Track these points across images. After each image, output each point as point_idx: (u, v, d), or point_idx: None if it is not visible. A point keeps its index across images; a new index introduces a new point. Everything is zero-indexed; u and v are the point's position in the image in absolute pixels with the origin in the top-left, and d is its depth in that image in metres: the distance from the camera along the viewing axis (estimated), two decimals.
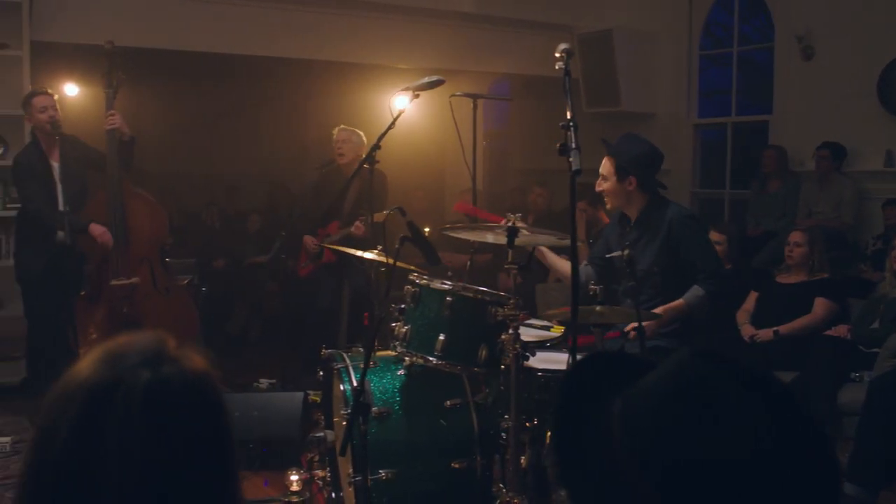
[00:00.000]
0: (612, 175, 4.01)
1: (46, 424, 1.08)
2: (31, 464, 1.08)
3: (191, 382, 1.11)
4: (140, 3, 6.54)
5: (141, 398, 1.06)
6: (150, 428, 1.05)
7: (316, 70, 7.88)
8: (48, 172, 5.25)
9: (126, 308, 5.31)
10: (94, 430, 1.04)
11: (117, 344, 1.15)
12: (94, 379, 1.08)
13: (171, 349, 1.14)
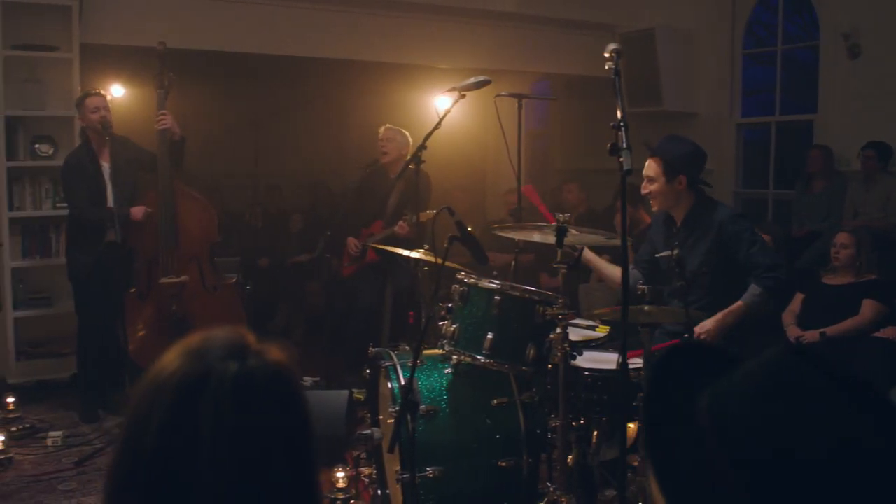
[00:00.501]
0: (660, 176, 4.00)
1: (137, 417, 1.11)
2: (122, 455, 1.12)
3: (275, 374, 1.14)
4: (188, 6, 6.63)
5: (230, 390, 1.09)
6: (239, 418, 1.08)
7: (357, 70, 7.94)
8: (98, 173, 5.34)
9: (175, 306, 5.39)
10: (186, 422, 1.07)
11: (199, 338, 1.18)
12: (184, 372, 1.11)
13: (252, 342, 1.17)
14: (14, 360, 6.15)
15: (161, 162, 5.40)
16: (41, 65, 6.29)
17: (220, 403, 1.08)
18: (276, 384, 1.14)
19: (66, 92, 6.27)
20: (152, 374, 1.14)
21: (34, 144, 6.22)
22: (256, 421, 1.09)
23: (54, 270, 6.30)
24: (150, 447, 1.07)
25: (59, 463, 4.79)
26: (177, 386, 1.09)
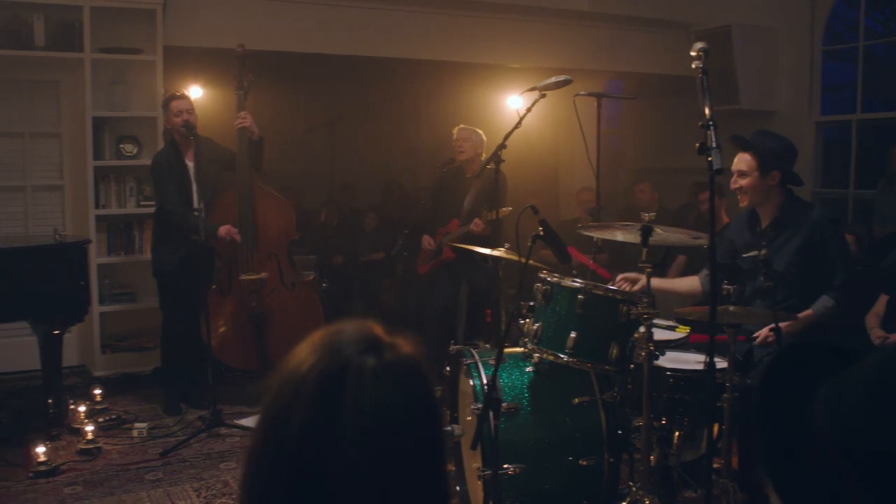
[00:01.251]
0: (753, 170, 3.94)
1: (277, 410, 1.14)
2: (263, 445, 1.15)
3: (410, 366, 1.17)
4: (266, 9, 6.74)
5: (369, 383, 1.12)
6: (378, 411, 1.11)
7: (430, 70, 7.98)
8: (184, 172, 5.47)
9: (254, 301, 5.51)
10: (327, 415, 1.10)
11: (331, 332, 1.21)
12: (322, 366, 1.13)
13: (384, 336, 1.20)
14: (99, 353, 6.34)
15: (240, 161, 5.52)
16: (126, 67, 6.47)
17: (359, 397, 1.11)
18: (411, 376, 1.17)
19: (150, 93, 6.44)
20: (289, 369, 1.17)
21: (119, 144, 6.41)
22: (394, 413, 1.12)
23: (138, 267, 6.48)
24: (292, 438, 1.11)
25: (144, 453, 4.92)
26: (316, 380, 1.13)
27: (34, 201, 6.51)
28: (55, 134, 6.55)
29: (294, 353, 1.20)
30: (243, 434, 5.16)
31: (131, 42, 6.42)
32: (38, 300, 4.75)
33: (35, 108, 6.47)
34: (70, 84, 6.48)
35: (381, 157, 8.87)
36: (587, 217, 6.75)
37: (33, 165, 6.50)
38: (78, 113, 6.40)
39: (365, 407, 1.11)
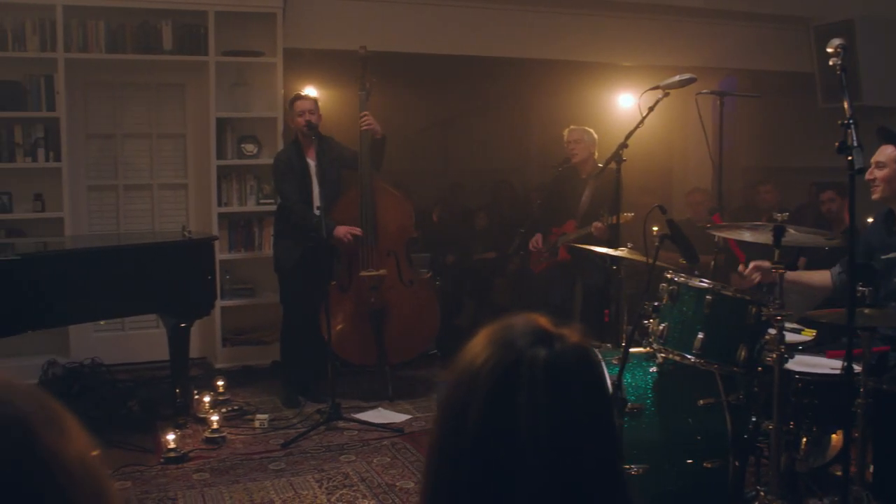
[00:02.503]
0: (892, 162, 3.83)
1: (455, 403, 1.18)
2: (444, 437, 1.19)
3: (581, 356, 1.20)
4: (384, 11, 6.87)
5: (543, 375, 1.14)
6: (553, 401, 1.14)
7: (541, 69, 7.98)
8: (305, 171, 5.61)
9: (373, 298, 5.62)
10: (504, 408, 1.13)
11: (502, 326, 1.24)
12: (496, 360, 1.17)
13: (552, 327, 1.22)
14: (220, 346, 6.56)
15: (362, 161, 5.64)
16: (247, 69, 6.68)
17: (534, 389, 1.13)
18: (583, 366, 1.19)
19: (270, 94, 6.64)
20: (464, 364, 1.20)
21: (240, 144, 6.62)
22: (569, 402, 1.15)
23: (257, 263, 6.69)
24: (471, 431, 1.14)
25: (266, 444, 5.07)
26: (491, 374, 1.16)
27: (160, 199, 6.77)
28: (180, 134, 6.80)
29: (467, 349, 1.23)
30: (361, 428, 5.27)
31: (253, 45, 6.62)
32: (168, 294, 4.94)
33: (162, 110, 6.74)
34: (195, 86, 6.72)
35: (492, 157, 8.91)
36: (705, 217, 6.63)
37: (159, 165, 6.76)
38: (202, 114, 6.63)
39: (539, 398, 1.13)
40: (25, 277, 4.15)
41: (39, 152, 6.19)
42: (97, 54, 6.27)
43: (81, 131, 6.48)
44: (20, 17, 6.09)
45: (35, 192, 6.25)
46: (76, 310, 4.48)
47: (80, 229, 6.41)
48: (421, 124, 8.04)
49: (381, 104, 5.89)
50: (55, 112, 6.15)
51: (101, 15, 6.25)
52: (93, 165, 6.60)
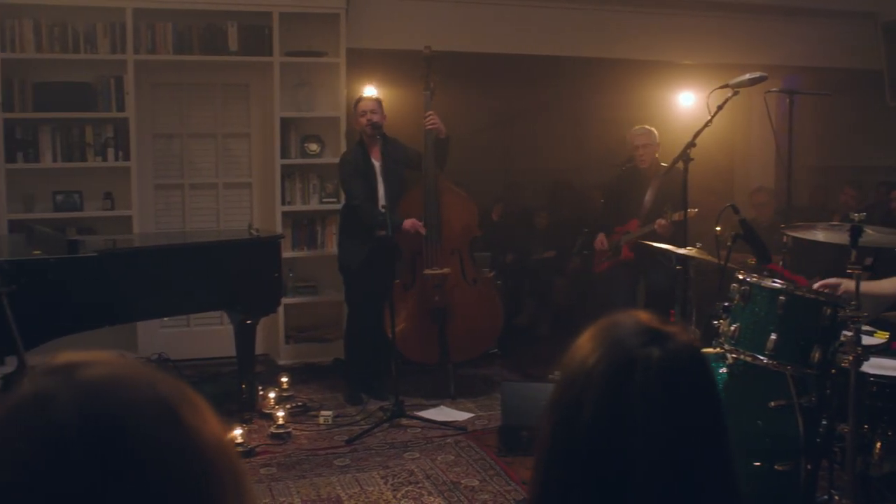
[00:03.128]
0: None
1: (567, 406, 1.19)
2: (555, 441, 1.20)
3: (694, 355, 1.20)
4: (446, 10, 6.91)
5: (657, 374, 1.15)
6: (668, 401, 1.15)
7: (601, 68, 7.94)
8: (371, 171, 5.67)
9: (437, 296, 5.66)
10: (618, 407, 1.14)
11: (609, 325, 1.25)
12: (609, 360, 1.18)
13: (662, 326, 1.23)
14: (283, 342, 6.65)
15: (427, 160, 5.68)
16: (311, 70, 6.76)
17: (648, 388, 1.14)
18: (695, 365, 1.20)
19: (333, 94, 6.71)
20: (574, 364, 1.21)
21: (304, 143, 6.70)
22: (684, 402, 1.16)
23: (320, 261, 6.77)
24: (584, 431, 1.15)
25: (331, 440, 5.13)
26: (604, 374, 1.17)
27: (224, 198, 6.88)
28: (245, 134, 6.90)
29: (575, 349, 1.24)
30: (424, 425, 5.31)
31: (316, 45, 6.70)
32: (236, 291, 5.02)
33: (227, 110, 6.84)
34: (259, 86, 6.81)
35: (552, 157, 8.89)
36: (772, 218, 6.57)
37: (224, 164, 6.87)
38: (266, 114, 6.73)
39: (655, 397, 1.14)
40: (103, 274, 4.25)
41: (109, 152, 6.33)
42: (165, 56, 6.39)
43: (149, 131, 6.61)
44: (91, 20, 6.24)
45: (105, 191, 6.39)
46: (150, 306, 4.58)
47: (147, 227, 6.54)
48: (482, 124, 8.06)
49: (443, 103, 5.92)
50: (124, 112, 6.28)
51: (169, 17, 6.37)
52: (160, 164, 6.73)
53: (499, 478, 4.54)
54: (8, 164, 6.10)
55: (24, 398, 0.81)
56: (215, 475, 0.84)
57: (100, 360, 0.85)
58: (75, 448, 0.77)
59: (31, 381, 0.83)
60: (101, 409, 0.80)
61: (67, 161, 6.29)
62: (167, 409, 0.83)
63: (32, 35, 6.14)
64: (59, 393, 0.80)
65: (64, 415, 0.79)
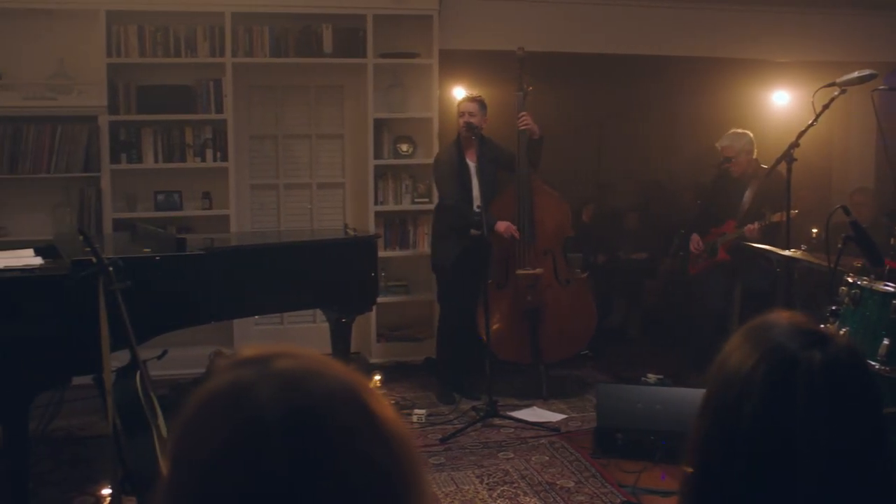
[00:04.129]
0: None
1: (725, 409, 1.19)
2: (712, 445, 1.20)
3: (855, 357, 1.19)
4: (539, 10, 6.90)
5: (820, 377, 1.14)
6: (833, 404, 1.13)
7: (691, 67, 7.83)
8: (465, 171, 5.71)
9: (530, 296, 5.66)
10: (782, 412, 1.14)
11: (762, 327, 1.24)
12: (769, 363, 1.16)
13: (818, 328, 1.21)
14: (375, 341, 6.72)
15: (520, 161, 5.70)
16: (404, 71, 6.82)
17: (813, 392, 1.13)
18: (858, 368, 1.18)
19: (426, 95, 6.77)
20: (728, 368, 1.20)
21: (396, 144, 6.77)
22: (848, 405, 1.14)
23: (411, 260, 6.83)
24: (745, 437, 1.15)
25: (425, 438, 5.17)
26: (766, 378, 1.16)
27: (318, 198, 6.99)
28: (338, 135, 7.00)
29: (728, 352, 1.24)
30: (517, 426, 5.32)
31: (409, 47, 6.76)
32: (333, 290, 5.10)
33: (320, 112, 6.95)
34: (352, 88, 6.90)
35: (642, 157, 8.81)
36: (872, 218, 6.39)
37: (318, 165, 6.98)
38: (359, 115, 6.81)
39: (819, 401, 1.13)
40: (208, 271, 4.36)
41: (208, 152, 6.49)
42: (262, 58, 6.53)
43: (245, 132, 6.76)
44: (192, 25, 6.40)
45: (203, 191, 6.56)
46: (253, 303, 4.68)
47: (243, 226, 6.69)
48: (573, 124, 8.04)
49: (535, 104, 5.92)
50: (223, 114, 6.43)
51: (266, 21, 6.50)
52: (255, 165, 6.88)
53: (594, 479, 4.52)
54: (112, 164, 6.30)
55: (222, 387, 0.86)
56: (400, 460, 0.87)
57: (289, 352, 0.89)
58: (275, 436, 0.81)
59: (226, 371, 0.87)
60: (300, 399, 0.84)
61: (168, 162, 6.47)
62: (355, 398, 0.87)
63: (137, 40, 6.34)
64: (257, 383, 0.84)
65: (265, 403, 0.83)
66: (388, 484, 0.85)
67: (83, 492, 4.38)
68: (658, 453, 4.67)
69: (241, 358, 0.89)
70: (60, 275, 3.81)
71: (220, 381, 0.86)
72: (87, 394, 4.96)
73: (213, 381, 0.87)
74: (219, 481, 0.81)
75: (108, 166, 6.27)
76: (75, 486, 4.45)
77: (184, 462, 0.85)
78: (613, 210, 8.12)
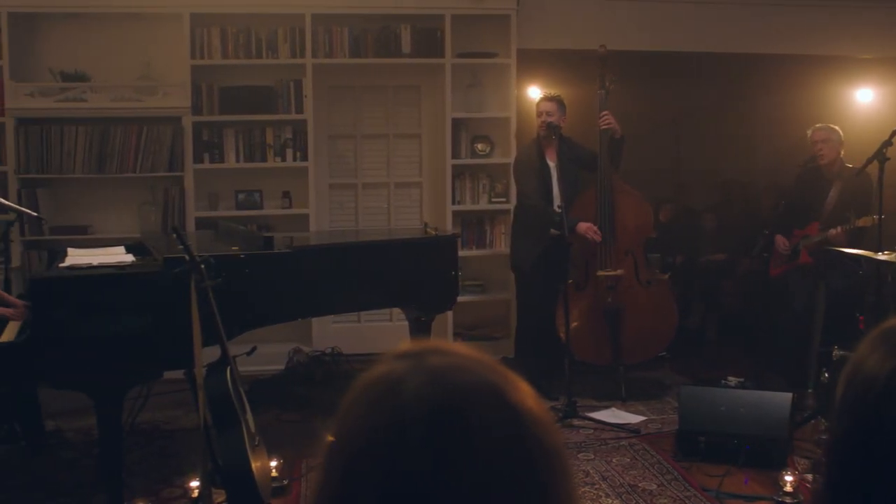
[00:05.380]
0: None
1: (860, 420, 1.16)
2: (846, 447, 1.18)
3: None
4: (618, 8, 6.86)
5: None
6: None
7: (769, 64, 7.70)
8: (545, 170, 5.70)
9: (610, 297, 5.62)
10: None
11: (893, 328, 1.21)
12: None
13: None
14: (451, 340, 6.74)
15: (602, 160, 5.67)
16: (481, 70, 6.84)
17: None
18: None
19: (503, 95, 6.78)
20: (863, 373, 1.17)
21: (474, 144, 6.79)
22: None
23: (488, 260, 6.85)
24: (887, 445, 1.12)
25: None
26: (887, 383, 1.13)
27: (395, 197, 7.04)
28: (415, 135, 7.05)
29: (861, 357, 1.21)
30: (596, 426, 5.28)
31: (487, 46, 6.78)
32: (415, 289, 5.13)
33: (398, 112, 7.00)
34: (430, 88, 6.94)
35: (721, 156, 8.69)
36: None
37: (395, 164, 7.03)
38: (436, 114, 6.85)
39: None
40: (294, 269, 4.43)
41: (288, 152, 6.59)
42: (341, 59, 6.61)
43: (324, 132, 6.84)
44: (273, 27, 6.51)
45: (283, 190, 6.66)
46: (336, 301, 4.72)
47: (322, 225, 6.77)
48: (651, 123, 7.96)
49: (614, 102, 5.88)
50: (303, 114, 6.52)
51: (346, 22, 6.58)
52: (334, 164, 6.96)
53: (677, 483, 4.47)
54: (195, 164, 6.44)
55: (378, 378, 0.90)
56: (542, 454, 0.89)
57: (442, 349, 0.91)
58: (418, 428, 0.84)
59: (385, 363, 0.91)
60: (443, 394, 0.87)
61: (249, 161, 6.59)
62: (496, 394, 0.89)
63: (219, 42, 6.47)
64: (407, 376, 0.88)
65: (412, 396, 0.86)
66: (531, 478, 0.87)
67: (170, 484, 4.47)
68: (742, 457, 4.59)
69: (400, 351, 0.92)
70: (154, 272, 3.91)
71: (377, 371, 0.91)
72: (169, 388, 5.09)
73: (372, 371, 0.92)
74: (362, 468, 0.85)
75: (192, 166, 6.41)
76: (162, 478, 4.55)
77: (336, 444, 0.90)
78: (690, 210, 8.02)
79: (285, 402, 5.71)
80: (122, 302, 3.77)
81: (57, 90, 6.29)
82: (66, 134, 6.26)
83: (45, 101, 6.24)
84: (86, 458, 4.84)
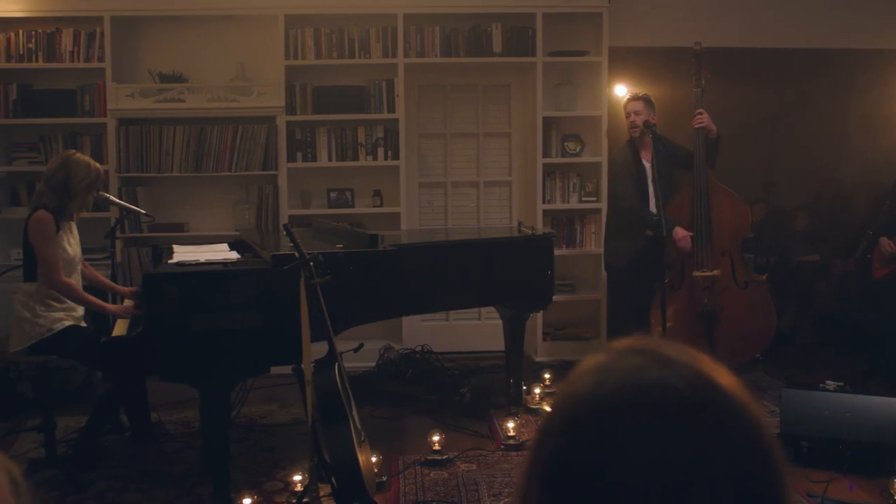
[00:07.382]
0: None
1: None
2: None
3: None
4: (711, 5, 6.78)
5: None
6: None
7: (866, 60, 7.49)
8: (641, 170, 5.65)
9: (706, 298, 5.54)
10: None
11: None
12: None
13: None
14: (541, 339, 6.73)
15: (697, 159, 5.58)
16: (573, 69, 6.81)
17: None
18: None
19: (594, 93, 6.73)
20: None
21: (564, 143, 6.76)
22: None
23: (578, 259, 6.82)
24: None
25: None
26: None
27: (485, 196, 7.05)
28: (505, 133, 7.05)
29: None
30: None
31: (578, 44, 6.75)
32: (512, 287, 5.14)
33: (488, 111, 7.02)
34: (520, 86, 6.94)
35: (815, 154, 8.48)
36: None
37: (485, 163, 7.04)
38: (526, 113, 6.84)
39: None
40: (396, 268, 4.47)
41: (379, 151, 6.65)
42: (432, 58, 6.64)
43: (415, 131, 6.89)
44: (365, 27, 6.58)
45: (374, 189, 6.72)
46: (435, 299, 4.76)
47: (412, 224, 6.82)
48: (745, 121, 7.82)
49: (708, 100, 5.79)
50: (394, 114, 6.58)
51: (437, 21, 6.61)
52: (424, 163, 7.00)
53: None
54: (289, 163, 6.54)
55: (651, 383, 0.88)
56: (775, 461, 0.87)
57: (679, 348, 0.91)
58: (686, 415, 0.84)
59: (617, 355, 0.90)
60: (704, 394, 0.86)
61: (341, 160, 6.66)
62: (738, 399, 0.89)
63: (313, 43, 6.56)
64: (648, 366, 0.88)
65: (676, 393, 0.85)
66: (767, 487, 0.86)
67: (271, 477, 4.54)
68: (847, 463, 4.49)
69: (628, 346, 0.92)
70: (264, 268, 3.99)
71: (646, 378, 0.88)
72: (263, 383, 5.16)
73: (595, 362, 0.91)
74: (572, 458, 0.84)
75: (285, 165, 6.52)
76: (263, 472, 4.63)
77: (548, 426, 0.89)
78: (782, 209, 7.85)
79: (378, 400, 5.76)
80: (234, 297, 3.86)
81: (156, 91, 6.44)
82: (165, 134, 6.43)
83: (145, 102, 6.40)
84: (187, 449, 4.97)
